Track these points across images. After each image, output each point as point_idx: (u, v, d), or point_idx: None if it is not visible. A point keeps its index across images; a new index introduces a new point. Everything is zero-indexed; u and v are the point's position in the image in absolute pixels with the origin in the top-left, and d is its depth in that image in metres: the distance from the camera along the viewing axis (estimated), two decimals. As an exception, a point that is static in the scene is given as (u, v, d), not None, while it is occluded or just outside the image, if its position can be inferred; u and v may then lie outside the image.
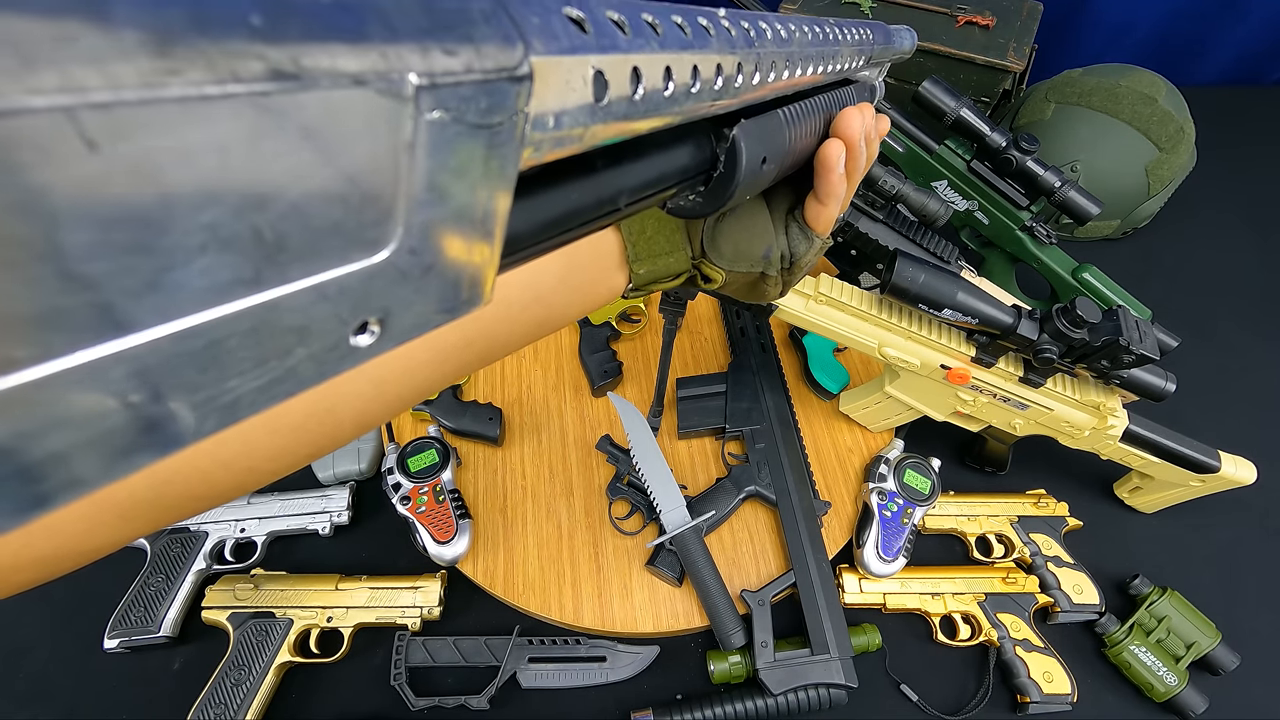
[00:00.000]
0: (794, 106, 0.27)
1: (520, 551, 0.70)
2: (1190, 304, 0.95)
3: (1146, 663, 0.64)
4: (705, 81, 0.17)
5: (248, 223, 0.07)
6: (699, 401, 0.77)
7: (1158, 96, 0.89)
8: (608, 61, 0.13)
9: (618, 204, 0.19)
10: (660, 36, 0.15)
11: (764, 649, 0.62)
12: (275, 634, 0.63)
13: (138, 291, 0.07)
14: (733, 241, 0.35)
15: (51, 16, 0.06)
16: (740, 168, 0.23)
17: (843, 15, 0.93)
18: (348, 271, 0.09)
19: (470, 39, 0.09)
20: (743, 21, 0.20)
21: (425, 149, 0.09)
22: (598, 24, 0.13)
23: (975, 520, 0.73)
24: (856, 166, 0.32)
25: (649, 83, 0.14)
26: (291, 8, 0.07)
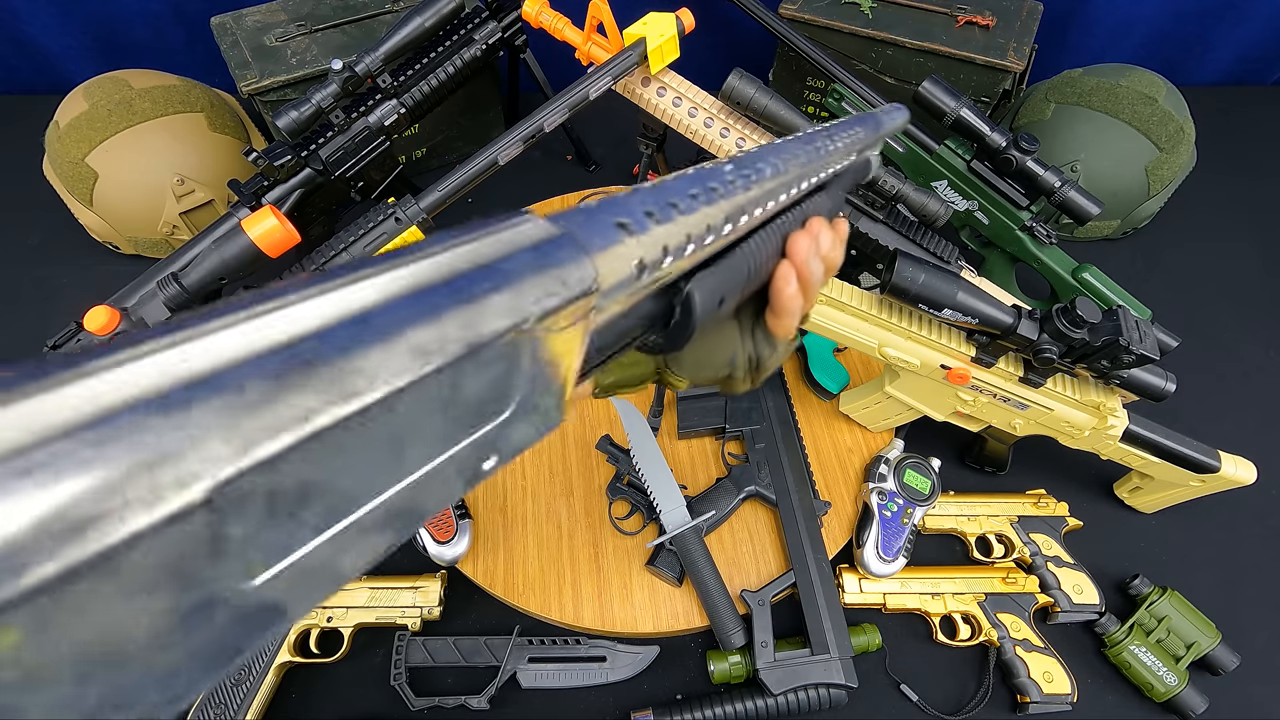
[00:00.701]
0: (756, 238, 0.28)
1: (520, 551, 0.70)
2: (1190, 304, 0.95)
3: (1146, 663, 0.64)
4: (714, 230, 0.21)
5: (444, 422, 0.12)
6: (699, 401, 0.77)
7: (1158, 96, 0.89)
8: (645, 249, 0.18)
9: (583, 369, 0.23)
10: (682, 213, 0.20)
11: (764, 649, 0.62)
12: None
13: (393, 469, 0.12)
14: (695, 356, 0.37)
15: (379, 349, 0.11)
16: (695, 316, 0.25)
17: (843, 16, 0.93)
18: (488, 429, 0.14)
19: (564, 281, 0.14)
20: (744, 170, 0.24)
21: (533, 352, 0.14)
22: (637, 222, 0.18)
23: (975, 520, 0.73)
24: (809, 285, 0.33)
25: (673, 249, 0.19)
26: (474, 299, 0.12)
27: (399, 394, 0.11)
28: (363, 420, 0.10)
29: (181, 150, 0.85)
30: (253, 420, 0.09)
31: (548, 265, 0.14)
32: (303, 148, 0.74)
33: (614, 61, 0.65)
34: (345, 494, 0.11)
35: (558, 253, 0.15)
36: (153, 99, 0.85)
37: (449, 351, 0.12)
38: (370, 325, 0.11)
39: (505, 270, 0.13)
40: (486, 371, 0.13)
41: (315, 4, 0.91)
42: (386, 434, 0.11)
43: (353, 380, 0.10)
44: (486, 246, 0.14)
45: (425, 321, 0.11)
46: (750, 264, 0.28)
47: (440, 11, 0.74)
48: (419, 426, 0.12)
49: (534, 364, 0.14)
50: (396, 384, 0.11)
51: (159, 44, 1.08)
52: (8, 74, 1.12)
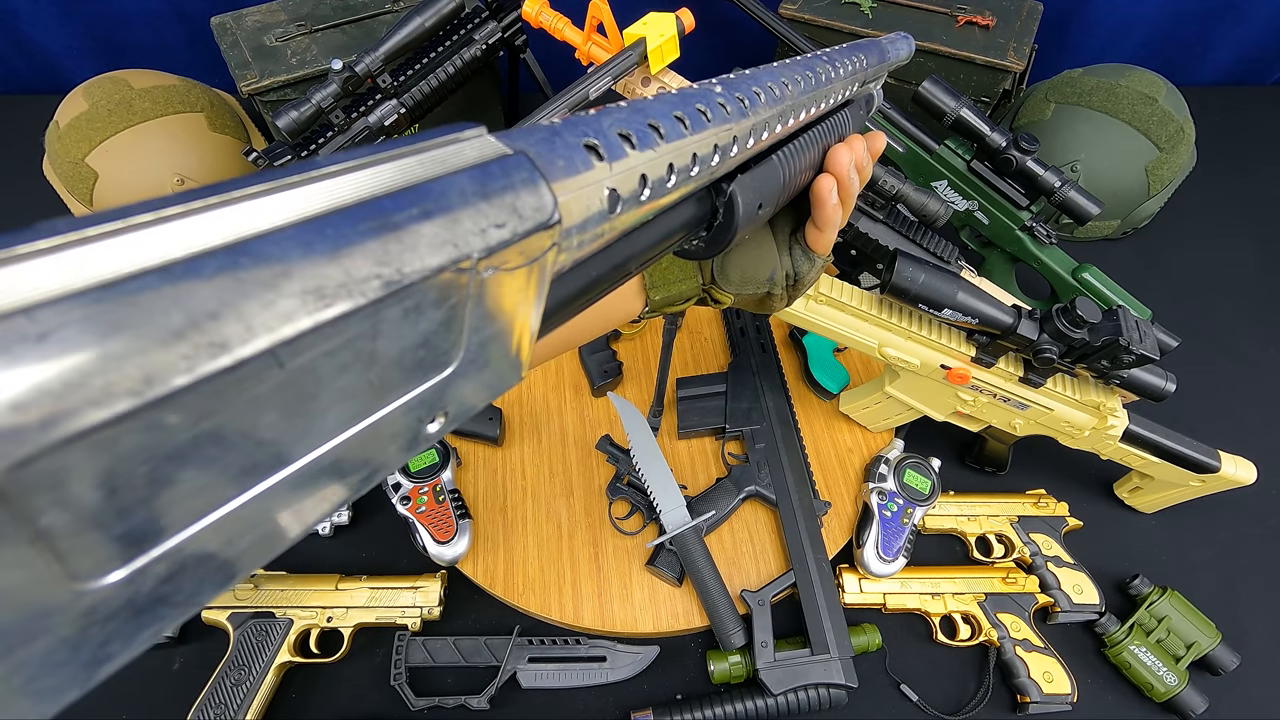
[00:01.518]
0: (789, 148, 0.29)
1: (520, 551, 0.70)
2: (1190, 304, 0.95)
3: (1146, 663, 0.64)
4: (704, 160, 0.19)
5: (364, 379, 0.10)
6: (699, 401, 0.77)
7: (1158, 96, 0.89)
8: (619, 177, 0.15)
9: (629, 268, 0.22)
10: (664, 136, 0.17)
11: (764, 649, 0.62)
12: (275, 634, 0.63)
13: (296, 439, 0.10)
14: (739, 268, 0.38)
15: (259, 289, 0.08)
16: (737, 217, 0.25)
17: (843, 16, 0.93)
18: (426, 388, 0.12)
19: (515, 209, 0.12)
20: (737, 94, 0.22)
21: (479, 294, 0.12)
22: (610, 146, 0.15)
23: (975, 520, 0.73)
24: (849, 195, 0.35)
25: (654, 180, 0.17)
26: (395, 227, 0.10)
27: (288, 345, 0.09)
28: (239, 378, 0.08)
29: (181, 150, 0.85)
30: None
31: (494, 190, 0.12)
32: (303, 148, 0.74)
33: (614, 61, 0.65)
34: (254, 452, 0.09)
35: (508, 175, 0.12)
36: (153, 99, 0.85)
37: (362, 293, 0.09)
38: (247, 258, 0.08)
39: (439, 193, 0.11)
40: (419, 319, 0.11)
41: (315, 4, 0.91)
42: (283, 394, 0.09)
43: (218, 328, 0.08)
44: (417, 164, 0.11)
45: (325, 255, 0.09)
46: (785, 173, 0.29)
47: (440, 11, 0.74)
48: (327, 384, 0.10)
49: (482, 311, 0.12)
50: (282, 334, 0.09)
51: (159, 44, 1.08)
52: (8, 74, 1.12)
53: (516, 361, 0.14)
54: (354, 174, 0.10)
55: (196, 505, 0.09)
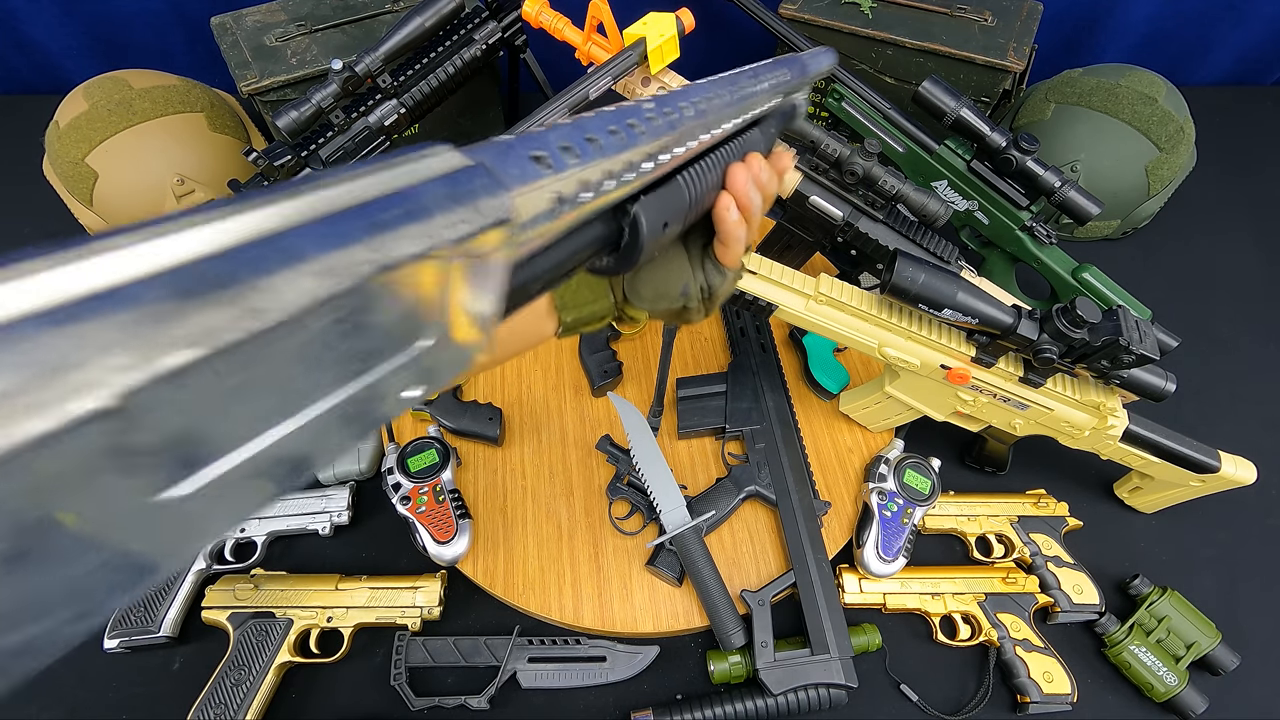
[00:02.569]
0: (695, 168, 0.30)
1: (520, 551, 0.70)
2: (1190, 304, 0.95)
3: (1146, 663, 0.64)
4: (633, 167, 0.22)
5: (362, 345, 0.13)
6: (699, 401, 0.77)
7: (1158, 96, 0.89)
8: (562, 183, 0.18)
9: (531, 290, 0.24)
10: (601, 149, 0.20)
11: (764, 649, 0.62)
12: (275, 634, 0.63)
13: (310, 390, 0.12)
14: (651, 285, 0.39)
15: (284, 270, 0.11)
16: (643, 237, 0.27)
17: (843, 16, 0.93)
18: (407, 356, 0.14)
19: (476, 208, 0.15)
20: (665, 108, 0.24)
21: (450, 277, 0.14)
22: (555, 157, 0.18)
23: (975, 520, 0.73)
24: (749, 212, 0.36)
25: (594, 183, 0.20)
26: (383, 225, 0.13)
27: (309, 313, 0.11)
28: (271, 338, 0.10)
29: (181, 150, 0.85)
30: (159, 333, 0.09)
31: (461, 194, 0.14)
32: (303, 148, 0.74)
33: (614, 61, 0.65)
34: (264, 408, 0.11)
35: (470, 182, 0.15)
36: (153, 99, 0.85)
37: (358, 273, 0.12)
38: (278, 247, 0.11)
39: (416, 197, 0.14)
40: (398, 297, 0.13)
41: (315, 4, 0.91)
42: (298, 354, 0.11)
43: (259, 298, 0.10)
44: (397, 176, 0.14)
45: (335, 244, 0.12)
46: (690, 192, 0.30)
47: (440, 11, 0.74)
48: (333, 347, 0.12)
49: (449, 292, 0.14)
50: (304, 302, 0.11)
51: (159, 44, 1.08)
52: (8, 74, 1.12)
53: (482, 339, 0.16)
54: (346, 185, 0.13)
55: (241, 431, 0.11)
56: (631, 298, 0.40)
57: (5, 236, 0.97)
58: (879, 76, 0.96)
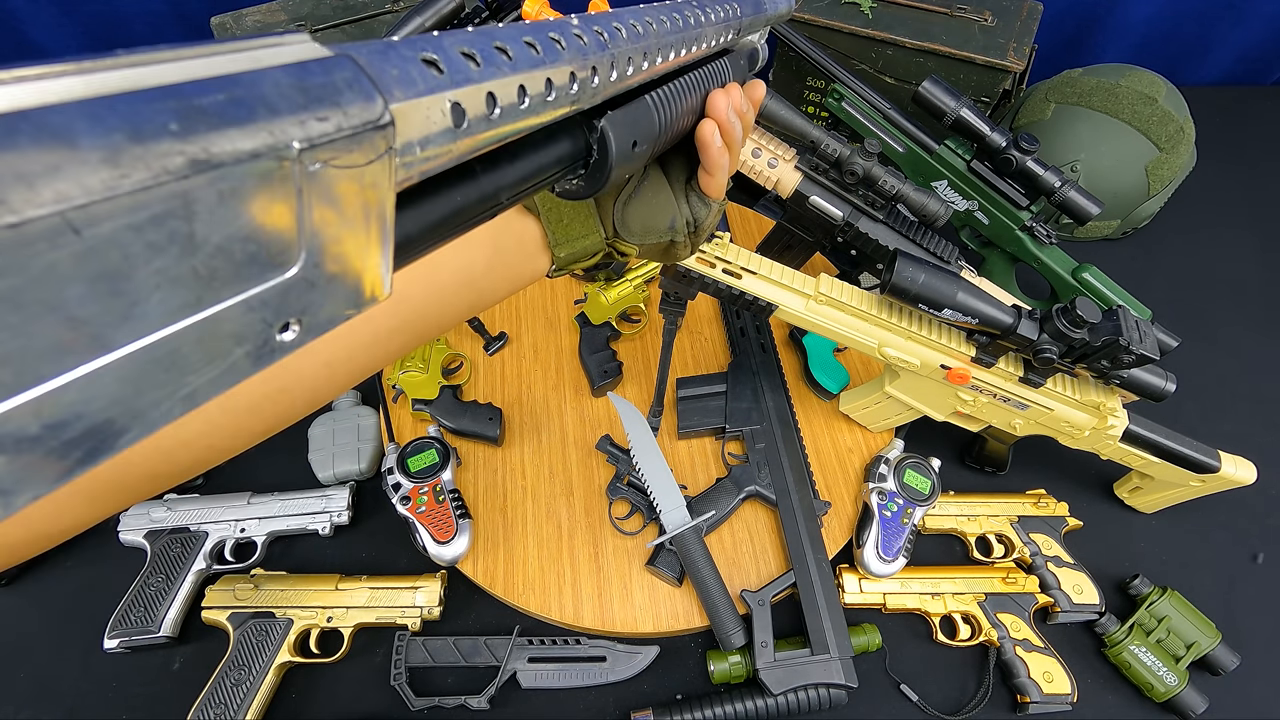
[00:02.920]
0: (662, 90, 0.30)
1: (520, 551, 0.70)
2: (1190, 304, 0.95)
3: (1146, 663, 0.64)
4: (560, 89, 0.20)
5: (187, 265, 0.10)
6: (699, 401, 0.77)
7: (1158, 96, 0.89)
8: (463, 93, 0.16)
9: (499, 199, 0.22)
10: (512, 60, 0.18)
11: (764, 649, 0.62)
12: (275, 634, 0.63)
13: (116, 322, 0.10)
14: (639, 219, 0.39)
15: (41, 151, 0.08)
16: (611, 154, 0.26)
17: (843, 16, 0.93)
18: (266, 287, 0.12)
19: (338, 104, 0.12)
20: (595, 26, 0.22)
21: (311, 191, 0.12)
22: (451, 62, 0.15)
23: (975, 520, 0.73)
24: (732, 139, 0.36)
25: (504, 101, 0.17)
26: (199, 111, 0.10)
27: (80, 210, 0.09)
28: (25, 238, 0.08)
29: (181, 150, 0.85)
30: None
31: (313, 85, 0.12)
32: (303, 148, 0.74)
33: (614, 61, 0.65)
34: (66, 329, 0.09)
35: (329, 74, 0.12)
36: (153, 99, 0.85)
37: (164, 168, 0.09)
38: (27, 124, 0.08)
39: (249, 82, 0.11)
40: (239, 206, 0.11)
41: (315, 4, 0.91)
42: (87, 266, 0.09)
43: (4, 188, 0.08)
44: (229, 61, 0.11)
45: (118, 128, 0.09)
46: (661, 115, 0.30)
47: (440, 11, 0.74)
48: (140, 263, 0.10)
49: (316, 211, 0.12)
50: (71, 199, 0.09)
51: (159, 44, 1.08)
52: (8, 74, 1.12)
53: (374, 276, 0.14)
54: (159, 65, 0.10)
55: (4, 377, 0.09)
56: (621, 231, 0.40)
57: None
58: (879, 76, 0.96)
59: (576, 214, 0.39)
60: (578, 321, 0.84)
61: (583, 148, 0.26)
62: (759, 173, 0.71)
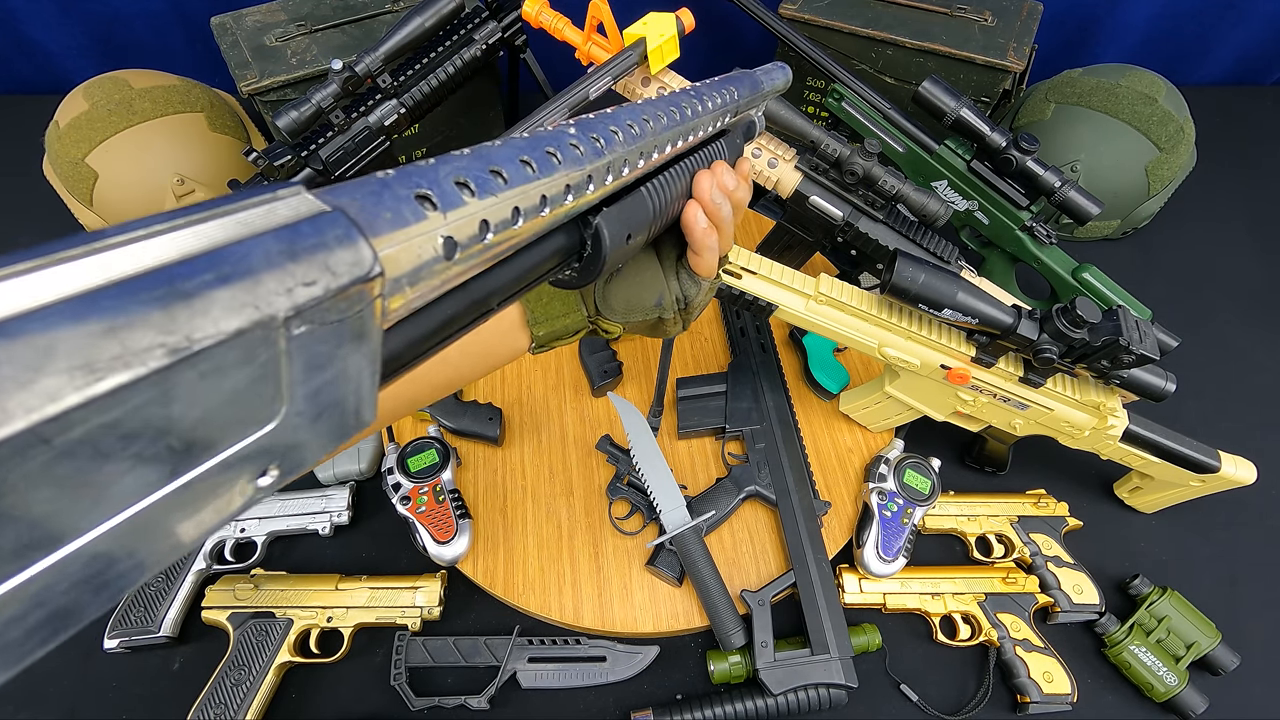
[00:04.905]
0: (657, 180, 0.30)
1: (520, 551, 0.70)
2: (1190, 304, 0.95)
3: (1146, 663, 0.64)
4: (555, 201, 0.20)
5: (162, 444, 0.10)
6: (699, 401, 0.77)
7: (1158, 96, 0.89)
8: (455, 225, 0.15)
9: (490, 304, 0.22)
10: (507, 181, 0.18)
11: (764, 649, 0.62)
12: (275, 634, 0.63)
13: (81, 513, 0.10)
14: (622, 298, 0.39)
15: (13, 366, 0.08)
16: (605, 249, 0.27)
17: (843, 15, 0.93)
18: (245, 444, 0.12)
19: (327, 266, 0.12)
20: (593, 134, 0.23)
21: (296, 351, 0.12)
22: (444, 195, 0.15)
23: (975, 520, 0.73)
24: (719, 219, 0.36)
25: (497, 224, 0.17)
26: (184, 296, 0.10)
27: (53, 423, 0.08)
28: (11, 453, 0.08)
29: (181, 150, 0.85)
30: None
31: (303, 248, 0.12)
32: (303, 148, 0.74)
33: (614, 61, 0.65)
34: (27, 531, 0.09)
35: (320, 233, 0.12)
36: (153, 99, 0.85)
37: (142, 363, 0.09)
38: (3, 337, 0.08)
39: (239, 256, 0.11)
40: (221, 381, 0.11)
41: (315, 4, 0.91)
42: (56, 470, 0.09)
43: None
44: (218, 228, 0.11)
45: (97, 328, 0.09)
46: (654, 203, 0.30)
47: (440, 11, 0.74)
48: (113, 454, 0.09)
49: (303, 365, 0.12)
50: (44, 413, 0.08)
51: (159, 44, 1.08)
52: (8, 74, 1.12)
53: (359, 408, 0.14)
54: (148, 241, 0.10)
55: None
56: (604, 310, 0.39)
57: (5, 237, 0.97)
58: (879, 76, 0.96)
59: (557, 292, 0.39)
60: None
61: (577, 243, 0.27)
62: (759, 173, 0.71)
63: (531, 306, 0.39)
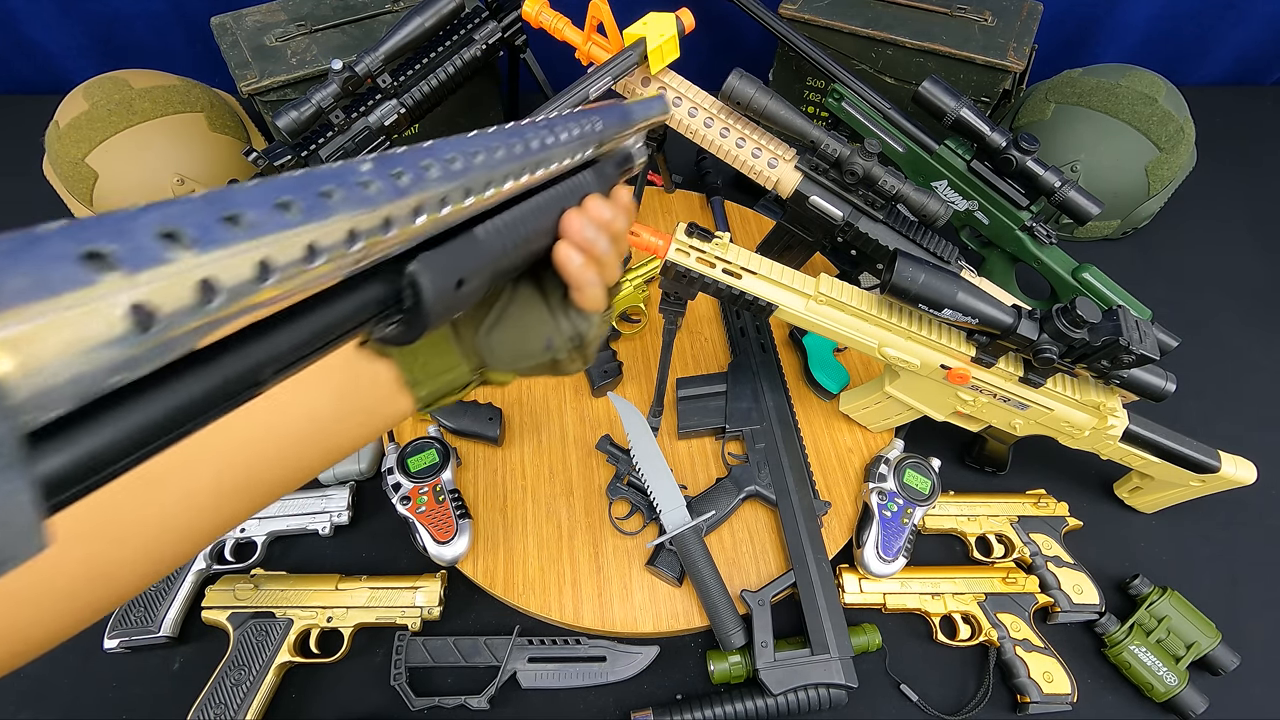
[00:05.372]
0: (496, 221, 0.27)
1: (520, 551, 0.70)
2: (1190, 304, 0.95)
3: (1146, 663, 0.64)
4: (330, 249, 0.16)
5: None
6: (699, 401, 0.77)
7: (1158, 96, 0.89)
8: (151, 289, 0.12)
9: (261, 375, 0.18)
10: (249, 229, 0.14)
11: (764, 649, 0.62)
12: (275, 634, 0.63)
13: None
14: (508, 345, 0.36)
15: None
16: (426, 299, 0.23)
17: (843, 15, 0.93)
18: None
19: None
20: (394, 169, 0.20)
21: None
22: (135, 250, 0.12)
23: (975, 520, 0.73)
24: (597, 253, 0.33)
25: (230, 282, 0.14)
26: None
27: None
28: None
29: (181, 150, 0.85)
30: None
31: None
32: (303, 148, 0.74)
33: (614, 61, 0.65)
34: None
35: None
36: (153, 99, 0.85)
37: None
38: None
39: None
40: None
41: (315, 4, 0.91)
42: None
43: None
44: None
45: None
46: (499, 243, 0.27)
47: (440, 11, 0.74)
48: None
49: None
50: None
51: (159, 44, 1.08)
52: (8, 74, 1.12)
53: (17, 536, 0.11)
54: None
55: None
56: (490, 361, 0.36)
57: (5, 236, 0.97)
58: (879, 76, 0.96)
59: (434, 349, 0.35)
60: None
61: (390, 295, 0.23)
62: (759, 173, 0.71)
63: (407, 366, 0.35)
